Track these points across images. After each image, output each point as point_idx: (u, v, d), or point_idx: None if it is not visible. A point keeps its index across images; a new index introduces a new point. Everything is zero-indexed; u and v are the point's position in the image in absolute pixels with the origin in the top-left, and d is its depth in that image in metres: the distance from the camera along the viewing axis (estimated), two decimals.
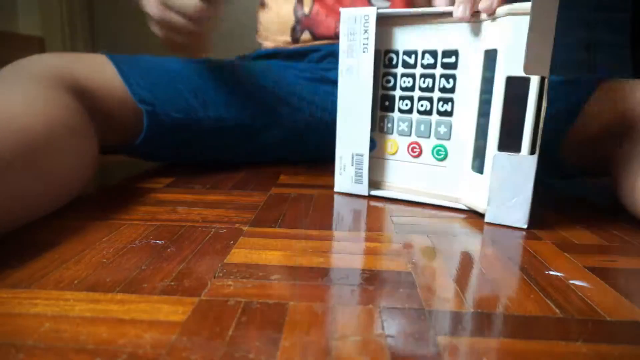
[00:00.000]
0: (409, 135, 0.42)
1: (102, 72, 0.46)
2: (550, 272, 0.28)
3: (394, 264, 0.28)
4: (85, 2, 1.31)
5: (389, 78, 0.42)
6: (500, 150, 0.35)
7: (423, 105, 0.41)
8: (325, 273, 0.27)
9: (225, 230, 0.33)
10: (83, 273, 0.26)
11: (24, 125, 0.31)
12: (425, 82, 0.40)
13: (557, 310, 0.23)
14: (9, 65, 0.40)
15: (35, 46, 1.19)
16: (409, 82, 0.41)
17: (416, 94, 0.41)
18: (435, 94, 0.40)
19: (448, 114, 0.40)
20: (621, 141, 0.42)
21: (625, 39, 0.61)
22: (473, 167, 0.39)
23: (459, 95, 0.39)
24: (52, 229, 0.33)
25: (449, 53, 0.39)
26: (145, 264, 0.27)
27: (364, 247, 0.31)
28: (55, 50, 1.24)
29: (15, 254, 0.28)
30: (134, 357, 0.18)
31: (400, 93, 0.41)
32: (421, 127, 0.41)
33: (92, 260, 0.27)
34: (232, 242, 0.31)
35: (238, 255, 0.29)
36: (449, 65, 0.39)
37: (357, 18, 0.40)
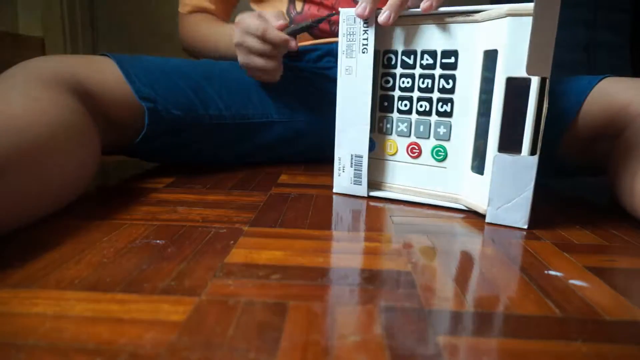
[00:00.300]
0: (408, 136, 0.42)
1: (103, 72, 0.46)
2: (550, 272, 0.28)
3: (394, 264, 0.28)
4: (85, 3, 1.31)
5: (387, 78, 0.42)
6: (500, 151, 0.35)
7: (422, 106, 0.40)
8: (325, 273, 0.27)
9: (225, 230, 0.34)
10: (83, 273, 0.26)
11: (26, 126, 0.31)
12: (425, 83, 0.40)
13: (557, 310, 0.23)
14: (13, 67, 0.40)
15: (35, 46, 1.19)
16: (408, 83, 0.41)
17: (415, 94, 0.41)
18: (435, 95, 0.40)
19: (448, 114, 0.40)
20: (617, 140, 0.42)
21: (624, 39, 0.61)
22: (473, 168, 0.39)
23: (459, 96, 0.39)
24: (52, 229, 0.33)
25: (449, 53, 0.39)
26: (146, 264, 0.27)
27: (364, 247, 0.31)
28: (55, 50, 1.24)
29: (16, 254, 0.28)
30: (134, 357, 0.18)
31: (399, 93, 0.41)
32: (420, 128, 0.41)
33: (93, 260, 0.27)
34: (232, 242, 0.31)
35: (238, 255, 0.29)
36: (448, 65, 0.39)
37: (356, 18, 0.40)
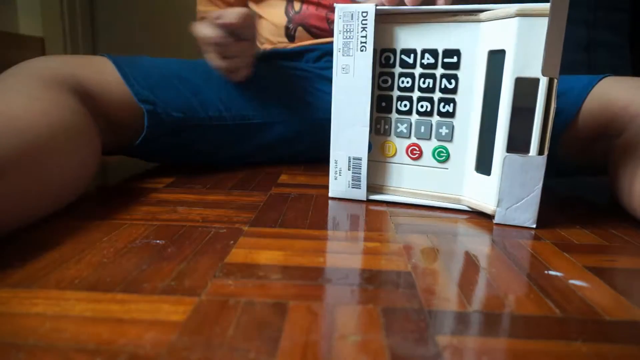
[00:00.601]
0: (408, 137, 0.41)
1: (103, 73, 0.46)
2: (550, 272, 0.28)
3: (394, 264, 0.28)
4: (85, 3, 1.31)
5: (385, 78, 0.41)
6: (509, 151, 0.35)
7: (423, 106, 0.40)
8: (325, 273, 0.27)
9: (225, 230, 0.33)
10: (83, 273, 0.26)
11: (26, 126, 0.31)
12: (426, 83, 0.39)
13: (557, 310, 0.23)
14: (13, 67, 0.40)
15: (35, 46, 1.19)
16: (408, 83, 0.40)
17: (415, 94, 0.40)
18: (436, 95, 0.39)
19: (450, 115, 0.39)
20: (617, 140, 0.42)
21: (624, 39, 0.61)
22: (477, 169, 0.38)
23: (461, 96, 0.38)
24: (52, 229, 0.33)
25: (451, 53, 0.38)
26: (146, 264, 0.27)
27: (364, 247, 0.31)
28: (55, 50, 1.24)
29: (16, 254, 0.28)
30: (134, 357, 0.18)
31: (398, 93, 0.40)
32: (421, 129, 0.40)
33: (93, 260, 0.27)
34: (232, 242, 0.31)
35: (238, 255, 0.29)
36: (450, 65, 0.38)
37: (354, 15, 0.38)
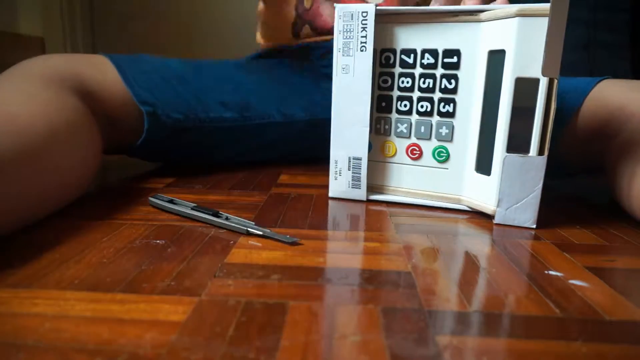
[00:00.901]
0: (408, 137, 0.41)
1: (104, 73, 0.46)
2: (550, 272, 0.28)
3: (394, 264, 0.28)
4: (85, 2, 1.31)
5: (385, 78, 0.41)
6: (509, 152, 0.35)
7: (423, 106, 0.40)
8: (325, 273, 0.27)
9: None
10: (83, 273, 0.26)
11: (26, 126, 0.31)
12: (426, 83, 0.39)
13: (557, 310, 0.23)
14: (14, 66, 0.40)
15: (35, 46, 1.19)
16: (408, 83, 0.40)
17: (415, 94, 0.40)
18: (436, 95, 0.39)
19: (450, 115, 0.39)
20: (614, 141, 0.42)
21: (624, 39, 0.61)
22: (477, 169, 0.38)
23: (461, 96, 0.38)
24: (52, 229, 0.33)
25: (451, 53, 0.38)
26: (146, 264, 0.27)
27: (364, 247, 0.31)
28: (55, 50, 1.24)
29: (15, 254, 0.28)
30: (134, 357, 0.18)
31: (398, 93, 0.40)
32: (421, 129, 0.40)
33: (93, 260, 0.27)
34: (232, 242, 0.31)
35: (238, 255, 0.29)
36: (450, 65, 0.38)
37: (354, 15, 0.38)
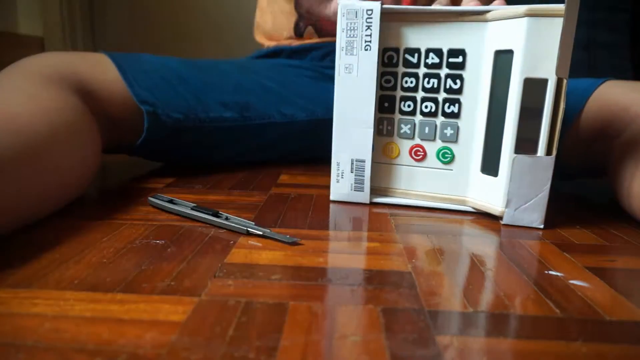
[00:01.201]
0: (412, 138, 0.40)
1: (104, 72, 0.46)
2: (550, 272, 0.28)
3: (394, 264, 0.28)
4: (85, 2, 1.31)
5: (388, 78, 0.40)
6: (517, 152, 0.35)
7: (427, 107, 0.39)
8: (325, 273, 0.27)
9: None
10: (83, 273, 0.26)
11: (26, 125, 0.31)
12: (430, 83, 0.39)
13: (557, 310, 0.23)
14: (13, 64, 0.40)
15: (35, 46, 1.19)
16: (412, 83, 0.39)
17: (419, 94, 0.39)
18: (441, 95, 0.39)
19: (455, 115, 0.38)
20: (616, 141, 0.42)
21: (625, 39, 0.61)
22: (483, 170, 0.38)
23: (467, 97, 0.38)
24: (52, 229, 0.33)
25: (456, 52, 0.37)
26: (145, 264, 0.27)
27: (365, 247, 0.31)
28: (55, 50, 1.24)
29: (15, 254, 0.28)
30: (134, 357, 0.18)
31: (401, 94, 0.40)
32: (425, 130, 0.40)
33: (92, 260, 0.27)
34: (232, 242, 0.31)
35: (238, 255, 0.29)
36: (455, 65, 0.38)
37: (358, 12, 0.38)
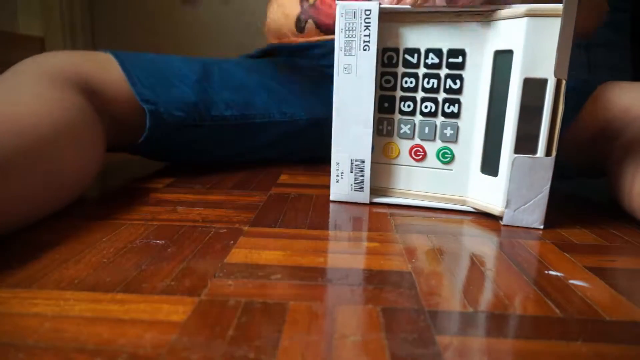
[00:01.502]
0: (412, 138, 0.40)
1: (108, 70, 0.46)
2: (550, 272, 0.28)
3: (395, 264, 0.28)
4: (85, 2, 1.31)
5: (388, 78, 0.40)
6: (517, 152, 0.35)
7: (427, 107, 0.39)
8: (325, 273, 0.27)
9: (225, 230, 0.33)
10: (83, 273, 0.26)
11: (29, 125, 0.31)
12: (430, 83, 0.39)
13: (557, 310, 0.23)
14: (17, 64, 0.40)
15: (35, 46, 1.19)
16: (411, 83, 0.39)
17: (419, 94, 0.39)
18: (441, 95, 0.39)
19: (455, 115, 0.39)
20: (616, 142, 0.42)
21: (624, 39, 0.61)
22: (483, 170, 0.38)
23: (467, 97, 0.38)
24: (52, 229, 0.33)
25: (455, 52, 0.37)
26: (145, 264, 0.27)
27: (365, 247, 0.31)
28: (55, 50, 1.24)
29: (15, 254, 0.28)
30: (134, 357, 0.18)
31: (401, 94, 0.40)
32: (425, 130, 0.40)
33: (92, 260, 0.27)
34: (232, 242, 0.31)
35: (238, 255, 0.29)
36: (455, 65, 0.38)
37: (356, 13, 0.38)
